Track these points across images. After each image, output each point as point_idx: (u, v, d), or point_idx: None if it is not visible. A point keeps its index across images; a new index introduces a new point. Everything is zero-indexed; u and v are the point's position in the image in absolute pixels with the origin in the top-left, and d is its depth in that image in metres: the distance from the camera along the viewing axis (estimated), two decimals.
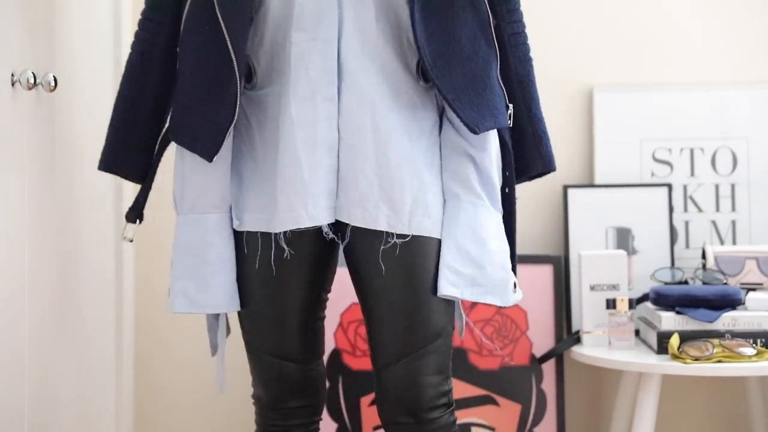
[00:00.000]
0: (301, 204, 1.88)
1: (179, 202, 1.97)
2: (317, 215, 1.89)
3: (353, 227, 1.91)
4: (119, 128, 2.00)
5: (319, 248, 1.96)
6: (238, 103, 1.87)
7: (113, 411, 2.54)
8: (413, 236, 1.89)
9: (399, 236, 1.89)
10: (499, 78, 1.93)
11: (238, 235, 1.96)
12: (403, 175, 1.88)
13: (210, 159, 1.90)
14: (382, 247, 1.89)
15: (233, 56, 1.86)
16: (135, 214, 2.04)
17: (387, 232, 1.89)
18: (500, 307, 2.11)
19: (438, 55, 1.88)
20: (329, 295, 2.05)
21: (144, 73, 1.99)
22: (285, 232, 1.91)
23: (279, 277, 1.95)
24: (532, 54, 2.00)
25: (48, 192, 2.08)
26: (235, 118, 1.87)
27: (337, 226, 1.94)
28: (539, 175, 2.05)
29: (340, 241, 1.95)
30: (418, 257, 1.90)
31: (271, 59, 1.92)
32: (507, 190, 1.98)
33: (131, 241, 2.05)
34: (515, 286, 1.96)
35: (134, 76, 2.00)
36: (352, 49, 1.88)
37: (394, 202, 1.88)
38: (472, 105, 1.89)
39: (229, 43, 1.87)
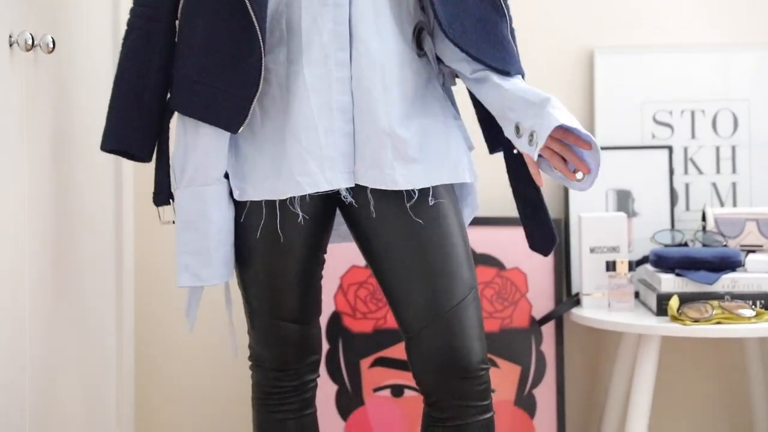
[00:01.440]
0: (318, 168, 1.88)
1: (179, 175, 1.96)
2: (335, 179, 1.90)
3: (372, 191, 1.91)
4: (121, 108, 1.97)
5: (321, 212, 1.98)
6: (262, 71, 1.86)
7: (114, 394, 2.55)
8: (434, 190, 1.89)
9: (420, 192, 1.89)
10: (510, 36, 1.94)
11: (238, 205, 1.96)
12: (415, 135, 1.89)
13: (236, 131, 1.89)
14: (408, 204, 1.89)
15: (255, 23, 1.85)
16: (162, 196, 2.03)
17: (407, 191, 1.89)
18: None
19: (452, 18, 1.90)
20: (329, 259, 2.05)
21: (147, 50, 1.95)
22: (304, 197, 1.91)
23: (282, 243, 1.96)
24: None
25: (47, 154, 2.07)
26: (261, 87, 1.86)
27: (335, 196, 1.94)
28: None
29: (356, 205, 1.93)
30: (441, 210, 1.91)
31: (276, 24, 1.91)
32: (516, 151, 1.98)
33: (173, 222, 2.03)
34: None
35: (137, 54, 1.96)
36: (362, 14, 1.90)
37: (407, 160, 1.88)
38: (494, 56, 1.91)
39: (250, 9, 1.85)
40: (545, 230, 2.00)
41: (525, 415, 2.60)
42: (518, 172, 1.98)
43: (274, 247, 1.96)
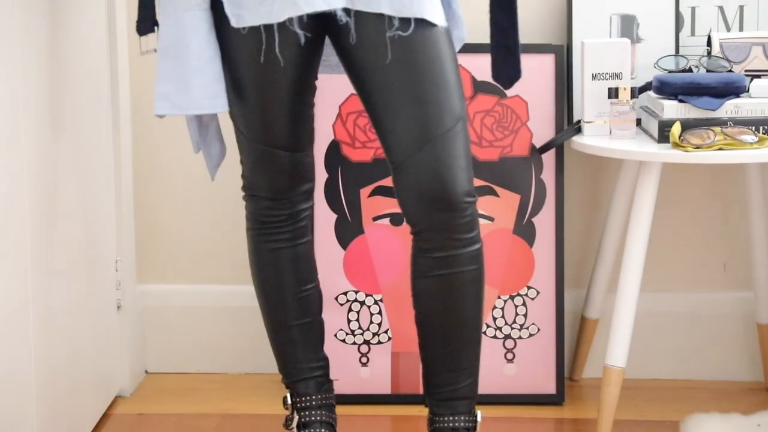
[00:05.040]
0: None
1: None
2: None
3: (364, 17, 1.89)
4: None
5: (313, 37, 1.96)
6: None
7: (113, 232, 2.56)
8: (418, 21, 1.87)
9: (403, 20, 1.88)
10: None
11: (232, 33, 1.93)
12: None
13: None
14: (388, 34, 1.88)
15: None
16: (146, 24, 2.00)
17: (399, 20, 1.87)
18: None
19: None
20: (327, 88, 2.05)
21: None
22: (301, 17, 1.89)
23: (275, 69, 1.94)
24: None
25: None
26: None
27: (326, 24, 1.91)
28: None
29: (347, 30, 1.91)
30: (429, 39, 1.89)
31: None
32: None
33: (155, 50, 2.00)
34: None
35: None
36: None
37: None
38: None
39: None
40: (511, 62, 2.00)
41: (524, 244, 2.61)
42: None
43: (266, 73, 1.95)
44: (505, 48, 2.00)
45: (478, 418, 2.07)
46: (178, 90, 1.95)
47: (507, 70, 2.02)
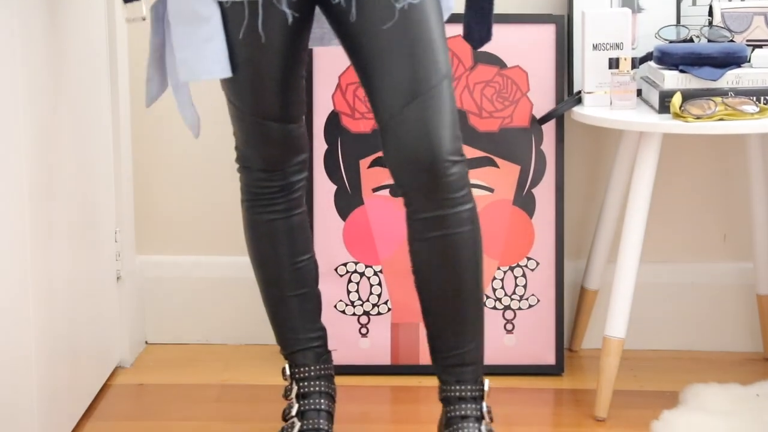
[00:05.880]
0: None
1: None
2: None
3: None
4: None
5: (303, 9, 1.96)
6: None
7: (112, 191, 2.55)
8: None
9: None
10: None
11: (223, 4, 1.94)
12: None
13: None
14: (399, 5, 1.89)
15: None
16: None
17: None
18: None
19: None
20: (326, 58, 2.04)
21: None
22: None
23: (264, 42, 1.95)
24: None
25: None
26: None
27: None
28: None
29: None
30: (421, 5, 1.91)
31: None
32: None
33: (143, 19, 2.00)
34: None
35: None
36: None
37: None
38: None
39: None
40: (483, 24, 2.00)
41: (524, 214, 2.60)
42: None
43: (256, 45, 1.95)
44: (480, 9, 2.01)
45: (486, 387, 2.07)
46: (196, 57, 1.95)
47: (479, 30, 2.03)
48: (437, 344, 2.06)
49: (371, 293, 2.62)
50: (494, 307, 2.62)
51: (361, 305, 2.63)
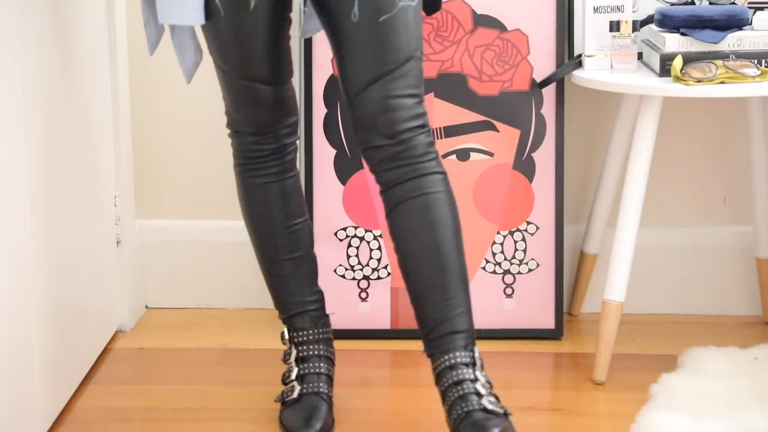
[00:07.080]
0: None
1: None
2: None
3: None
4: None
5: None
6: None
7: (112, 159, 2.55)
8: None
9: None
10: None
11: None
12: None
13: None
14: (401, 3, 1.94)
15: None
16: None
17: None
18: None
19: None
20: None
21: None
22: None
23: (247, 3, 1.97)
24: None
25: None
26: None
27: None
28: None
29: None
30: None
31: None
32: None
33: None
34: None
35: None
36: None
37: None
38: None
39: None
40: None
41: (523, 179, 2.60)
42: None
43: (240, 7, 1.97)
44: None
45: (476, 354, 2.03)
46: (172, 3, 1.97)
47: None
48: (424, 318, 2.02)
49: (371, 257, 2.62)
50: (494, 272, 2.62)
51: (361, 269, 2.63)
